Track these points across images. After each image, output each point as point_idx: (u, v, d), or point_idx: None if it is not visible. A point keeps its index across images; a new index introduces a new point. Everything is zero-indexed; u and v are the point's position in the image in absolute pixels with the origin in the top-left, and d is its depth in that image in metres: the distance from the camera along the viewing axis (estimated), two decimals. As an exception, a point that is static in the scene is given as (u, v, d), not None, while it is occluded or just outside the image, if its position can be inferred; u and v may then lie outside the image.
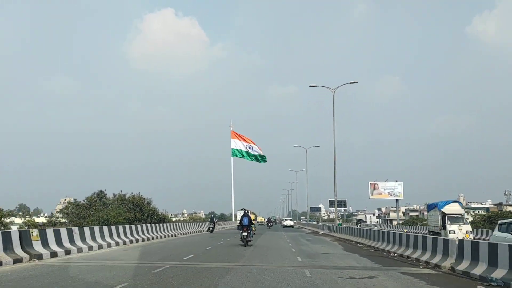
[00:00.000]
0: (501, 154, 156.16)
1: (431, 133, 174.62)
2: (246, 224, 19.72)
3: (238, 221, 32.98)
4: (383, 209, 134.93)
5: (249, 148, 51.35)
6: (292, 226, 67.29)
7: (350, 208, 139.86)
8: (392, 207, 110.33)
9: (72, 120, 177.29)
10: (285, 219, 78.42)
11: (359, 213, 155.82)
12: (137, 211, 32.44)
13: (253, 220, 31.43)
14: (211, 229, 35.84)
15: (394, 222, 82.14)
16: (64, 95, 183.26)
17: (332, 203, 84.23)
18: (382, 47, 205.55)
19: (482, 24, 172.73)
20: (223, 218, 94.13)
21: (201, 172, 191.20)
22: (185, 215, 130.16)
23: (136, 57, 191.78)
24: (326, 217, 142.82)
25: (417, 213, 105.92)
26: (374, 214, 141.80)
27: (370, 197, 77.57)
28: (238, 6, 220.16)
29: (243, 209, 43.98)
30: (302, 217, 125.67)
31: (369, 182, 76.56)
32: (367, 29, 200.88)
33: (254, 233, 25.67)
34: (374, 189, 76.76)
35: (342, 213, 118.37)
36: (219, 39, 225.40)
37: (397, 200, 76.50)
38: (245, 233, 19.44)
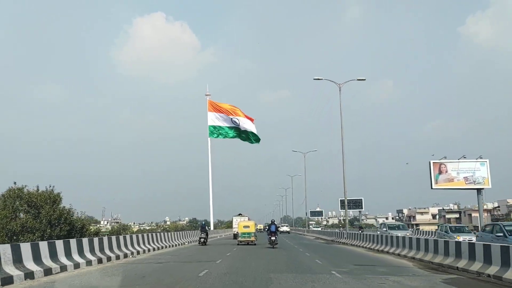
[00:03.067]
0: (496, 160, 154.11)
1: (424, 137, 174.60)
2: (273, 231, 26.84)
3: (235, 229, 35.33)
4: (405, 211, 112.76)
5: (235, 122, 38.79)
6: (288, 232, 72.09)
7: (367, 212, 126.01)
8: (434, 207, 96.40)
9: (61, 128, 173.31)
10: (281, 225, 79.44)
11: (366, 216, 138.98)
12: (31, 215, 23.16)
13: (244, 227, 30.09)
14: (203, 239, 30.13)
15: (430, 228, 65.07)
16: (53, 103, 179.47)
17: (343, 204, 79.34)
18: (375, 51, 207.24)
19: (474, 25, 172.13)
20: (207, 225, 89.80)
21: (187, 178, 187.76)
22: (168, 223, 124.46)
23: (125, 63, 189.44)
24: (324, 223, 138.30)
25: (456, 215, 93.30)
26: (387, 218, 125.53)
27: (434, 186, 42.38)
28: (230, 10, 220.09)
29: (239, 214, 42.50)
30: (311, 223, 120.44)
31: (431, 162, 42.44)
32: (359, 33, 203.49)
33: (255, 244, 28.54)
34: (440, 172, 43.28)
35: (350, 216, 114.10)
36: (211, 44, 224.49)
37: (479, 190, 40.64)
38: (273, 237, 26.55)
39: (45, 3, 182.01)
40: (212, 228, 39.94)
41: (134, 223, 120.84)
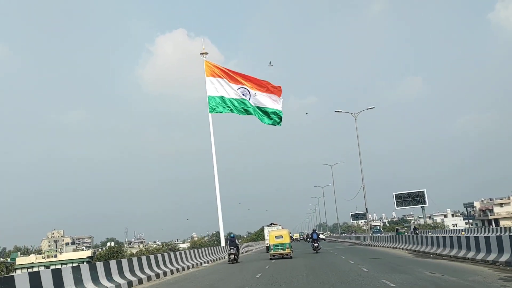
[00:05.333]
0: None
1: (456, 133, 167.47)
2: (315, 238, 31.33)
3: (267, 241, 33.47)
4: (477, 204, 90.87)
5: (244, 94, 28.40)
6: (324, 239, 72.77)
7: (435, 213, 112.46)
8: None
9: (85, 151, 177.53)
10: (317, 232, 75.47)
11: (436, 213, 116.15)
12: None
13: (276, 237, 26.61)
14: (233, 256, 25.65)
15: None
16: (77, 128, 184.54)
17: (400, 199, 72.84)
18: (401, 48, 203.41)
19: (505, 10, 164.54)
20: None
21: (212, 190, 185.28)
22: (195, 238, 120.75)
23: (149, 81, 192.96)
24: (364, 227, 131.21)
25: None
26: (445, 215, 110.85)
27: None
28: (249, 19, 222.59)
29: (271, 224, 40.05)
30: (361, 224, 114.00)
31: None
32: (384, 30, 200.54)
33: (291, 257, 26.00)
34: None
35: (396, 217, 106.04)
36: (233, 55, 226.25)
37: None
38: (316, 244, 30.98)
39: (69, 28, 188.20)
40: (222, 242, 32.86)
41: (155, 242, 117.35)
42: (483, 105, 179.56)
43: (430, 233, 38.67)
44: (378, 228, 73.20)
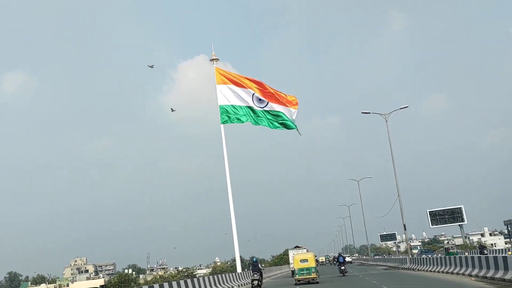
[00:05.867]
0: None
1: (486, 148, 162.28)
2: (342, 261, 31.91)
3: (291, 265, 34.59)
4: None
5: (259, 100, 26.31)
6: (350, 262, 71.73)
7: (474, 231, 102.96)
8: None
9: (111, 177, 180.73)
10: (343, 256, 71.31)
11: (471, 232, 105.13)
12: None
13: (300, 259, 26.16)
14: (256, 282, 21.89)
15: None
16: (103, 155, 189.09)
17: (434, 217, 66.82)
18: (424, 65, 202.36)
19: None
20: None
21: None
22: (218, 263, 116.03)
23: (173, 107, 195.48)
24: (394, 249, 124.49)
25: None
26: (482, 235, 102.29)
27: None
28: (269, 41, 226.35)
29: (296, 247, 39.01)
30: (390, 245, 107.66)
31: None
32: (406, 48, 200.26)
33: (318, 282, 25.36)
34: None
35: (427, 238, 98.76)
36: (255, 76, 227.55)
37: None
38: (342, 267, 31.18)
39: (93, 59, 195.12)
40: (238, 268, 28.54)
41: (177, 268, 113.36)
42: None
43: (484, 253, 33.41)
44: (419, 248, 65.19)
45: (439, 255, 40.20)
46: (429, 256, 36.31)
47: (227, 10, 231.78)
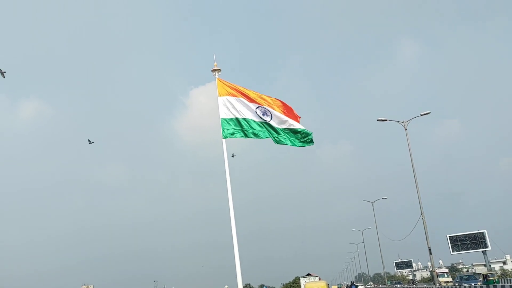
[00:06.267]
0: None
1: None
2: None
3: None
4: None
5: (264, 113, 24.51)
6: None
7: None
8: None
9: (123, 203, 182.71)
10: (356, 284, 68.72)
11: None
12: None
13: None
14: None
15: None
16: (116, 184, 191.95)
17: (455, 243, 62.56)
18: (437, 91, 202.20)
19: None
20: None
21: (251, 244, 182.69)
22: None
23: (184, 133, 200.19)
24: (410, 276, 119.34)
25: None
26: (504, 262, 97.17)
27: None
28: (283, 67, 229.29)
29: (308, 274, 39.26)
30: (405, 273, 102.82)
31: None
32: (416, 73, 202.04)
33: None
34: None
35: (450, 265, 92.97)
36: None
37: None
38: None
39: (105, 86, 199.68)
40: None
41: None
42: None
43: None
44: (460, 275, 55.08)
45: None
46: (472, 285, 32.19)
47: (238, 38, 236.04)
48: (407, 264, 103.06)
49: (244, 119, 24.97)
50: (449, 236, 70.80)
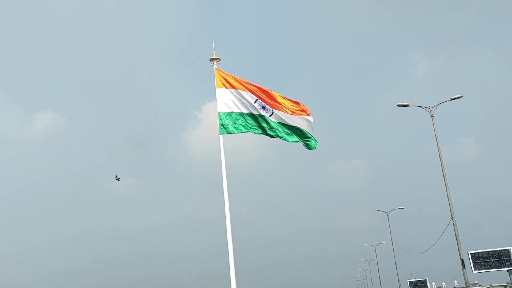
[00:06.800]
0: None
1: None
2: None
3: None
4: None
5: (263, 107, 22.26)
6: None
7: None
8: None
9: (135, 217, 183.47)
10: None
11: None
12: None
13: None
14: None
15: None
16: (128, 195, 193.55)
17: (477, 260, 58.59)
18: (451, 108, 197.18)
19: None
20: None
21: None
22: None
23: (196, 147, 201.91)
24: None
25: None
26: None
27: None
28: (293, 82, 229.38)
29: None
30: None
31: None
32: (430, 89, 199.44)
33: None
34: None
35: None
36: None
37: None
38: None
39: (119, 99, 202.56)
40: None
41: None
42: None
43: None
44: None
45: None
46: None
47: (252, 53, 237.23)
48: (422, 284, 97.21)
49: (242, 113, 23.12)
50: (471, 253, 66.31)
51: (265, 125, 22.13)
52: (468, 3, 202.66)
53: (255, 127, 22.57)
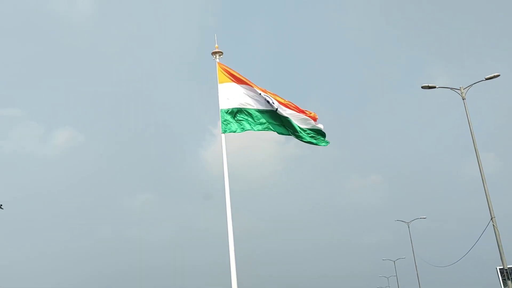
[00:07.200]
0: None
1: None
2: None
3: None
4: None
5: (270, 102, 21.17)
6: None
7: None
8: None
9: (151, 232, 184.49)
10: None
11: None
12: None
13: None
14: None
15: None
16: (145, 211, 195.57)
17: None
18: (472, 121, 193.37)
19: None
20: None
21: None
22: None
23: (212, 163, 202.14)
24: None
25: None
26: None
27: None
28: (310, 97, 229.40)
29: None
30: None
31: None
32: (449, 105, 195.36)
33: None
34: None
35: None
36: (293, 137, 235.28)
37: None
38: None
39: (137, 116, 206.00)
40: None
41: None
42: None
43: None
44: None
45: None
46: None
47: (265, 69, 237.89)
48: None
49: (246, 108, 21.11)
50: (499, 269, 62.34)
51: (273, 121, 20.41)
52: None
53: (261, 124, 20.74)
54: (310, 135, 20.43)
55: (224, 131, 20.35)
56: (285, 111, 20.29)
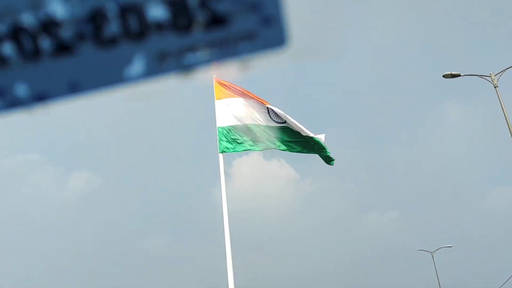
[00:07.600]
0: None
1: None
2: None
3: None
4: None
5: (273, 116, 18.62)
6: None
7: None
8: None
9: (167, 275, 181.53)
10: None
11: None
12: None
13: None
14: None
15: None
16: (159, 253, 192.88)
17: None
18: (489, 156, 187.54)
19: None
20: None
21: None
22: None
23: (228, 203, 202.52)
24: None
25: None
26: None
27: None
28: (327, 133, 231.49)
29: None
30: None
31: None
32: (465, 138, 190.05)
33: None
34: None
35: None
36: (309, 173, 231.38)
37: None
38: None
39: (149, 158, 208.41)
40: None
41: None
42: None
43: None
44: None
45: None
46: None
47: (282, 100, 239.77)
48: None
49: (246, 125, 18.79)
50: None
51: (274, 134, 18.39)
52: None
53: (263, 142, 18.62)
54: (320, 150, 18.64)
55: (222, 151, 18.51)
56: (291, 125, 18.51)
